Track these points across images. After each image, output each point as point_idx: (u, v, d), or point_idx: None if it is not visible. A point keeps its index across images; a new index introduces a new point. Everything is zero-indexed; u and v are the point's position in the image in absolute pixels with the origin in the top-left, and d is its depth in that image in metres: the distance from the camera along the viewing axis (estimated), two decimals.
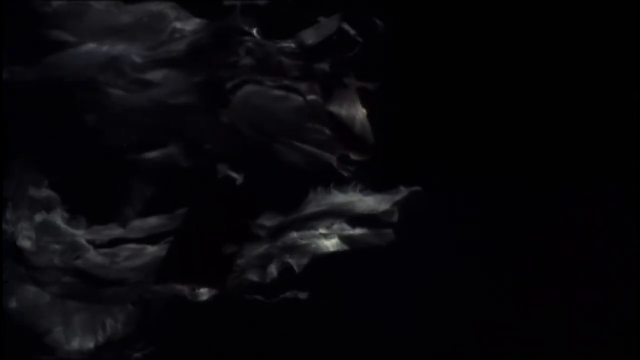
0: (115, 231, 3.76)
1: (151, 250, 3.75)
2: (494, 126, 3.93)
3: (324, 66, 3.98)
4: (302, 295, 3.74)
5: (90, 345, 3.66)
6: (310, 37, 3.99)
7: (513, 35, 3.97)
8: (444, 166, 3.88)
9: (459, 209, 3.82)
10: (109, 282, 3.70)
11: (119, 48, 3.90)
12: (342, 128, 3.96)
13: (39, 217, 3.72)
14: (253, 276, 3.77)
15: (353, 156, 3.91)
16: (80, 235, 3.73)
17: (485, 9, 3.98)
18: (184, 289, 3.72)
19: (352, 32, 4.01)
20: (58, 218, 3.74)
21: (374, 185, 3.87)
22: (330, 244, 3.83)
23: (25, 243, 3.70)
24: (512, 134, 3.92)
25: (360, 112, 3.94)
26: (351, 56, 3.99)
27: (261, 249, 3.80)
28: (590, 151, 3.88)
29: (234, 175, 3.87)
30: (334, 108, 3.96)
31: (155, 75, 3.92)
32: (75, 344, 3.65)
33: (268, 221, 3.83)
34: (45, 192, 3.75)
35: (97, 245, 3.74)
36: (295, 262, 3.79)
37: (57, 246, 3.72)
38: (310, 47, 3.99)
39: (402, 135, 3.93)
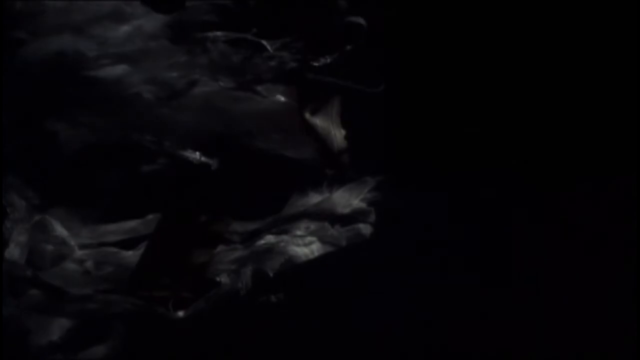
0: (88, 236, 3.66)
1: (124, 255, 3.63)
2: (489, 124, 3.91)
3: (302, 70, 3.93)
4: (280, 300, 3.62)
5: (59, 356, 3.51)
6: (285, 37, 3.93)
7: (507, 31, 3.98)
8: (436, 165, 3.85)
9: (451, 207, 3.77)
10: (79, 296, 3.56)
11: (74, 45, 3.82)
12: (315, 138, 3.87)
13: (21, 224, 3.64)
14: (227, 283, 3.63)
15: (325, 170, 3.84)
16: (67, 238, 3.64)
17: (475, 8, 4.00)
18: (157, 302, 3.58)
19: (335, 31, 3.98)
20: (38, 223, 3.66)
21: (350, 184, 3.81)
22: (308, 246, 3.72)
23: (15, 252, 3.60)
24: (508, 132, 3.90)
25: (338, 131, 3.88)
26: (334, 59, 3.95)
27: (235, 254, 3.68)
28: (589, 150, 3.86)
29: (201, 177, 3.79)
30: (308, 117, 3.87)
31: (112, 72, 3.83)
32: (45, 355, 3.50)
33: (241, 226, 3.72)
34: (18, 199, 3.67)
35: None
36: (271, 267, 3.66)
37: (45, 251, 3.63)
38: (287, 48, 3.94)
39: (394, 135, 3.90)
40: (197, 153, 3.78)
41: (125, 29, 3.86)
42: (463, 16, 4.00)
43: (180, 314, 3.57)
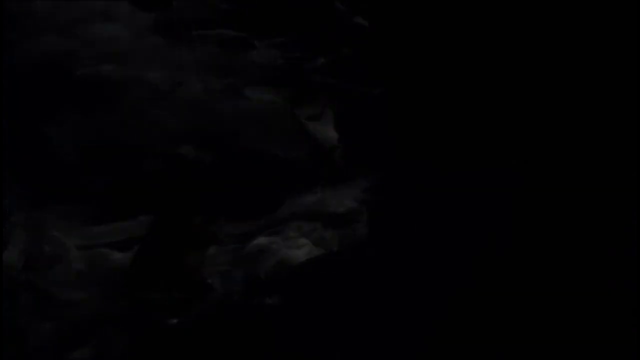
0: (82, 238, 3.64)
1: (117, 257, 3.61)
2: (489, 124, 3.90)
3: (295, 69, 3.92)
4: (273, 303, 3.56)
5: None
6: (277, 36, 3.93)
7: (506, 33, 3.99)
8: (436, 165, 3.84)
9: (450, 207, 3.73)
10: (73, 299, 3.53)
11: (63, 45, 3.81)
12: (307, 138, 3.84)
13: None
14: (219, 285, 3.59)
15: (317, 170, 3.81)
16: (63, 240, 3.62)
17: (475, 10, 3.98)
18: (149, 304, 3.54)
19: (335, 31, 3.99)
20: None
21: (343, 185, 3.77)
22: (300, 248, 3.67)
23: (12, 253, 3.59)
24: (508, 132, 3.89)
25: (331, 131, 3.85)
26: (332, 58, 3.95)
27: (227, 256, 3.63)
28: (588, 150, 3.84)
29: (193, 178, 3.74)
30: (300, 117, 3.85)
31: (101, 72, 3.81)
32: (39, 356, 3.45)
33: (234, 228, 3.68)
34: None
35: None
36: (263, 269, 3.61)
37: (42, 253, 3.61)
38: (278, 47, 3.93)
39: (394, 135, 3.87)
40: (189, 153, 3.75)
41: (113, 28, 3.87)
42: (463, 17, 3.99)
43: (173, 315, 3.52)
